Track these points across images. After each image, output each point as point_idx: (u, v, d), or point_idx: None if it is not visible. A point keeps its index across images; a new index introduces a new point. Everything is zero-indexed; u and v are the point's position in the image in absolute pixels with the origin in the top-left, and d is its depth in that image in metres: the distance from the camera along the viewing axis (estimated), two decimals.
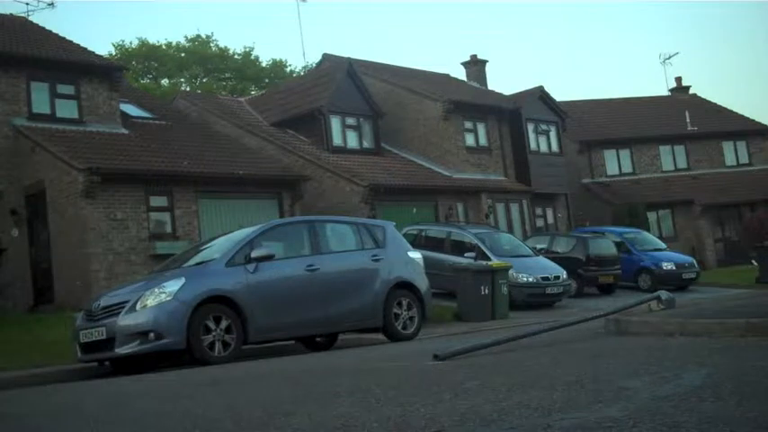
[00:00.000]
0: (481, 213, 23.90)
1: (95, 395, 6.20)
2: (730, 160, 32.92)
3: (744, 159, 33.10)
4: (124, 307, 8.88)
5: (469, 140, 25.63)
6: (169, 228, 17.05)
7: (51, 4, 22.10)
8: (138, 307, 8.80)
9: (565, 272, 18.17)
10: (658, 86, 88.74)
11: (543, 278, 17.67)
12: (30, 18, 21.33)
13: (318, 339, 10.98)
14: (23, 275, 17.01)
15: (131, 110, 20.31)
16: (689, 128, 32.44)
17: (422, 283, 11.16)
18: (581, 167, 30.96)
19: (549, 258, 19.16)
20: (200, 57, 42.08)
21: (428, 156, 25.04)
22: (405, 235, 14.64)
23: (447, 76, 30.45)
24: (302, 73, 36.92)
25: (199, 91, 36.70)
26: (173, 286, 8.89)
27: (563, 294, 18.12)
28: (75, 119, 18.04)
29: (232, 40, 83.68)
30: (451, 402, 3.60)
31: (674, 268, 21.97)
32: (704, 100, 36.20)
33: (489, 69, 42.67)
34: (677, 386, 3.52)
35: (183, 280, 9.01)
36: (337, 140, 23.48)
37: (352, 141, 23.90)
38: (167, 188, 17.10)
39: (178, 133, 20.01)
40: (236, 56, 43.45)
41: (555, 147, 27.77)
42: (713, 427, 2.63)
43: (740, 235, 29.44)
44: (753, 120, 34.35)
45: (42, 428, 4.30)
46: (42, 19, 57.18)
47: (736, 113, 34.87)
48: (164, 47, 42.13)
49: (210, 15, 66.21)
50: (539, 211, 26.80)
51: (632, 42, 78.23)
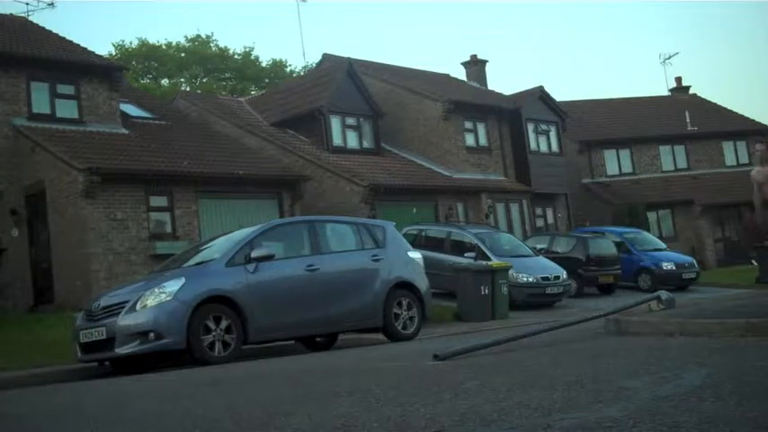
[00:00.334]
0: (481, 213, 23.90)
1: (95, 395, 6.20)
2: (730, 160, 32.91)
3: (744, 159, 33.07)
4: (124, 307, 8.89)
5: (469, 140, 25.64)
6: (169, 228, 17.06)
7: (51, 4, 22.12)
8: (138, 307, 8.81)
9: (565, 272, 18.17)
10: (658, 86, 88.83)
11: (543, 278, 17.68)
12: (30, 18, 21.35)
13: (318, 339, 10.98)
14: (23, 275, 17.01)
15: (131, 110, 20.32)
16: (689, 128, 32.44)
17: (422, 283, 11.16)
18: (581, 167, 30.96)
19: (549, 258, 19.16)
20: (200, 57, 42.09)
21: (428, 156, 25.04)
22: (405, 235, 14.64)
23: (447, 76, 30.45)
24: (302, 73, 36.93)
25: (199, 91, 36.70)
26: (173, 286, 8.90)
27: (563, 294, 18.13)
28: (75, 119, 18.05)
29: (232, 40, 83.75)
30: (451, 402, 3.60)
31: (674, 268, 21.97)
32: (704, 100, 36.20)
33: (489, 69, 42.69)
34: (677, 386, 3.52)
35: (183, 280, 9.02)
36: (337, 140, 23.49)
37: (352, 141, 23.90)
38: (167, 188, 17.10)
39: (178, 133, 20.01)
40: (236, 56, 43.46)
41: (555, 147, 27.78)
42: (713, 427, 2.63)
43: (740, 235, 29.45)
44: (753, 120, 34.36)
45: (42, 428, 4.30)
46: (42, 19, 57.19)
47: (736, 113, 34.87)
48: (164, 47, 42.13)
49: (210, 15, 66.28)
50: (539, 211, 26.81)
51: (632, 42, 78.30)
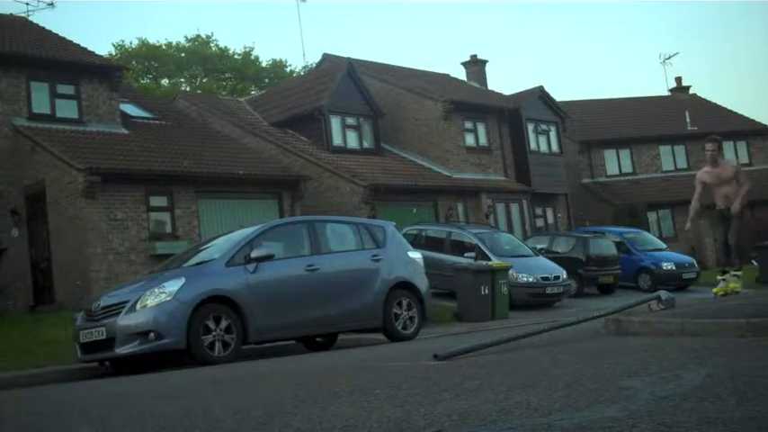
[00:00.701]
0: (481, 213, 23.91)
1: (95, 395, 6.20)
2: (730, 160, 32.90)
3: (744, 159, 33.07)
4: (124, 307, 8.88)
5: (469, 140, 25.65)
6: (169, 228, 17.06)
7: (51, 4, 22.14)
8: (138, 307, 8.81)
9: (565, 272, 18.17)
10: (658, 86, 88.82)
11: (543, 278, 17.67)
12: (30, 18, 21.37)
13: (318, 339, 10.98)
14: (23, 275, 17.02)
15: (131, 110, 20.33)
16: (689, 128, 32.43)
17: (422, 283, 11.16)
18: (581, 167, 30.96)
19: (549, 258, 19.16)
20: (200, 57, 42.10)
21: (428, 156, 25.05)
22: (405, 235, 14.63)
23: (447, 76, 30.45)
24: (302, 73, 36.95)
25: (199, 91, 36.71)
26: (173, 286, 8.89)
27: (563, 294, 18.13)
28: (75, 119, 18.05)
29: (232, 40, 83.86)
30: (451, 402, 3.60)
31: (674, 268, 21.96)
32: (704, 100, 36.20)
33: (489, 69, 42.68)
34: (677, 386, 3.52)
35: (183, 280, 9.01)
36: (337, 140, 23.49)
37: (352, 141, 23.91)
38: (167, 188, 17.11)
39: (178, 133, 20.02)
40: (236, 56, 43.47)
41: (555, 147, 27.79)
42: (713, 427, 2.62)
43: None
44: (753, 120, 34.36)
45: (42, 428, 4.30)
46: (42, 19, 57.12)
47: (736, 113, 34.87)
48: (164, 47, 42.15)
49: (210, 15, 66.33)
50: (539, 211, 26.82)
51: (632, 42, 78.31)
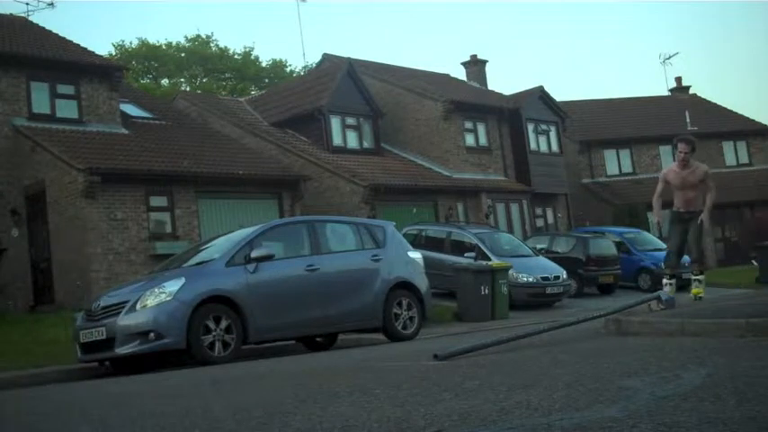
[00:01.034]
0: (481, 213, 23.91)
1: (95, 395, 6.20)
2: (730, 160, 32.91)
3: (744, 159, 33.11)
4: (124, 307, 8.88)
5: (469, 140, 25.65)
6: (169, 228, 17.06)
7: (51, 4, 22.14)
8: (138, 307, 8.81)
9: (565, 272, 18.17)
10: (658, 86, 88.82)
11: (543, 278, 17.67)
12: (30, 18, 21.37)
13: (318, 339, 10.98)
14: (23, 275, 17.02)
15: (131, 110, 20.33)
16: (689, 128, 32.40)
17: (422, 283, 11.16)
18: (581, 167, 30.96)
19: (549, 258, 19.16)
20: (200, 57, 42.10)
21: (428, 156, 25.05)
22: (405, 235, 14.63)
23: (447, 76, 30.45)
24: (302, 73, 36.94)
25: (199, 91, 36.70)
26: (173, 286, 8.89)
27: (563, 294, 18.13)
28: (75, 119, 18.05)
29: (232, 40, 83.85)
30: (451, 402, 3.60)
31: None
32: (704, 100, 36.20)
33: (489, 69, 42.67)
34: (677, 386, 3.52)
35: (183, 280, 9.01)
36: (337, 140, 23.49)
37: (352, 141, 23.91)
38: (167, 188, 17.11)
39: (178, 133, 20.02)
40: (236, 56, 43.47)
41: (555, 147, 27.79)
42: (713, 427, 2.62)
43: (740, 235, 29.44)
44: (753, 120, 34.37)
45: (42, 428, 4.29)
46: (42, 19, 57.13)
47: (736, 113, 34.87)
48: (164, 47, 42.14)
49: (210, 15, 66.33)
50: (539, 211, 26.82)
51: (632, 42, 78.31)
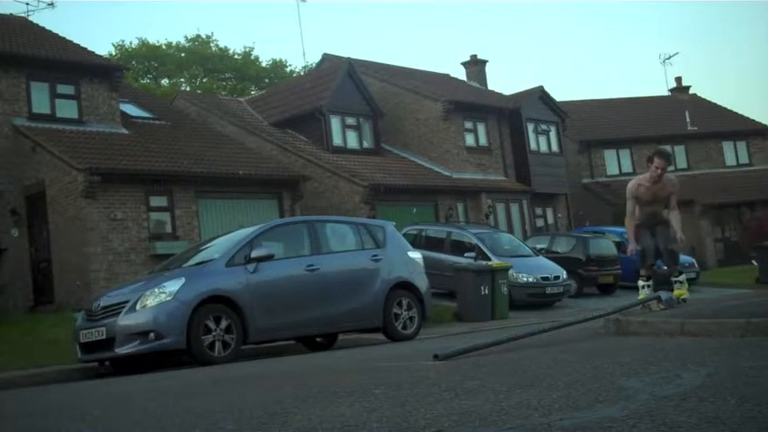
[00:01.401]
0: (481, 213, 23.91)
1: (95, 395, 6.20)
2: (730, 160, 32.92)
3: (744, 159, 33.11)
4: (124, 307, 8.89)
5: (469, 140, 25.66)
6: (169, 228, 17.06)
7: (51, 4, 22.14)
8: (138, 307, 8.81)
9: (565, 272, 18.17)
10: (658, 86, 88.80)
11: (543, 278, 17.67)
12: (30, 18, 21.38)
13: (318, 339, 10.99)
14: (23, 275, 17.02)
15: (131, 110, 20.34)
16: (689, 128, 32.45)
17: (422, 283, 11.17)
18: (581, 167, 30.98)
19: (549, 258, 19.16)
20: (200, 57, 42.09)
21: (428, 156, 25.05)
22: (405, 235, 14.64)
23: (447, 76, 30.46)
24: (302, 73, 36.95)
25: (199, 91, 36.70)
26: (173, 286, 8.90)
27: (563, 294, 18.12)
28: (75, 119, 18.06)
29: (232, 40, 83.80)
30: (451, 402, 3.60)
31: None
32: (704, 100, 36.21)
33: (489, 69, 42.73)
34: (677, 386, 3.51)
35: (183, 280, 9.02)
36: (337, 140, 23.49)
37: (352, 141, 23.91)
38: (167, 188, 17.11)
39: (178, 133, 20.02)
40: (236, 56, 43.47)
41: (555, 147, 27.80)
42: (713, 427, 2.62)
43: (740, 235, 29.45)
44: (753, 120, 34.38)
45: (42, 428, 4.29)
46: (42, 19, 57.22)
47: (736, 113, 34.88)
48: (164, 47, 42.14)
49: (210, 15, 66.29)
50: (539, 211, 26.83)
51: (632, 42, 78.31)
